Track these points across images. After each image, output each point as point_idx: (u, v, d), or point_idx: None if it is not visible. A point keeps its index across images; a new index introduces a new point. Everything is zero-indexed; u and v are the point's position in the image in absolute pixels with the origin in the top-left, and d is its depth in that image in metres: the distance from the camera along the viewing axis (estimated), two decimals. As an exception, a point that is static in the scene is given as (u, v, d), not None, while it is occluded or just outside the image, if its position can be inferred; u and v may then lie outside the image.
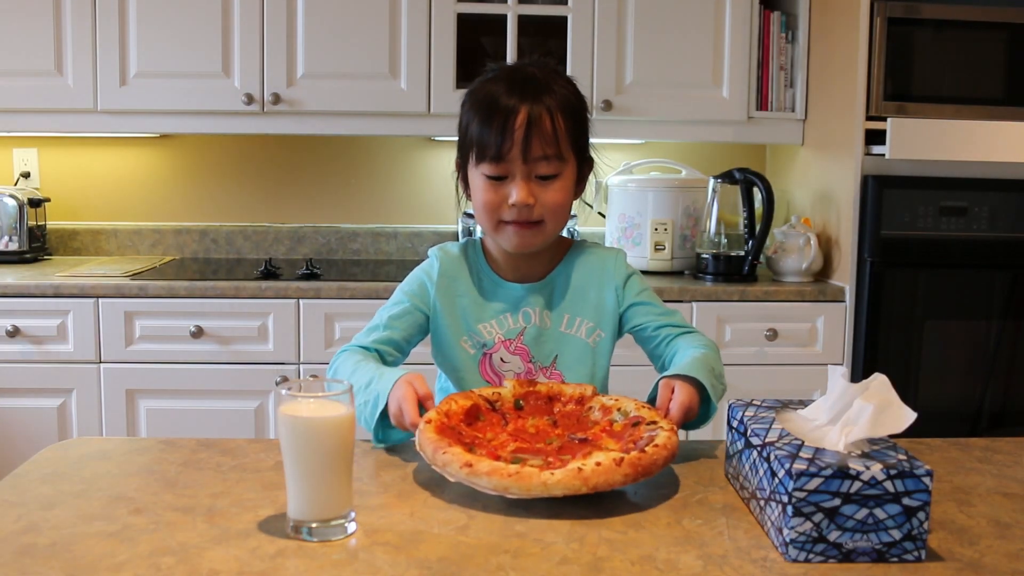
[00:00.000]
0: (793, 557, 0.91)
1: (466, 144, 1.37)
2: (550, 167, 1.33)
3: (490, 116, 1.31)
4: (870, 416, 0.95)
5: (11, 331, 2.41)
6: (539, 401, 1.24)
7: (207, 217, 3.09)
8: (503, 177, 1.33)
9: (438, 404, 1.18)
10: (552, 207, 1.35)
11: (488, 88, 1.35)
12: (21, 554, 0.90)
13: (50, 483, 1.10)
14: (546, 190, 1.34)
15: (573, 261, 1.46)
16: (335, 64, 2.67)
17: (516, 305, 1.43)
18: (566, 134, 1.33)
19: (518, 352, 1.42)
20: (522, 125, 1.30)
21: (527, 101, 1.31)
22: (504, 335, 1.42)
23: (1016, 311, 2.53)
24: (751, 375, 2.54)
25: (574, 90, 1.39)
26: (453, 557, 0.91)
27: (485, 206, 1.35)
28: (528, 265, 1.44)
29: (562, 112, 1.33)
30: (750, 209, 2.68)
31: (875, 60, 2.46)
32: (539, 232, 1.36)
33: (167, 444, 1.27)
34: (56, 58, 2.63)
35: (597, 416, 1.20)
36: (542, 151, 1.31)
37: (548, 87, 1.33)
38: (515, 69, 1.38)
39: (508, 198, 1.33)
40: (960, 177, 2.48)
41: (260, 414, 2.48)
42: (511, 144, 1.30)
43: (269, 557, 0.90)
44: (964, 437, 1.37)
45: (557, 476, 0.99)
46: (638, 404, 1.20)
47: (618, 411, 1.19)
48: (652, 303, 1.44)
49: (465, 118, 1.37)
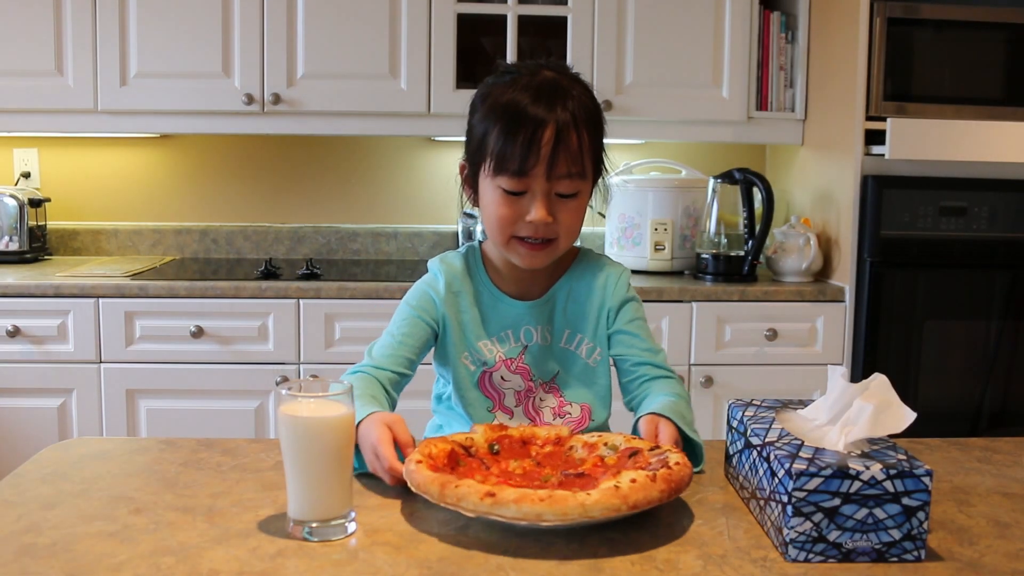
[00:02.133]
0: (793, 557, 0.91)
1: (481, 152, 1.30)
2: (572, 185, 1.28)
3: (515, 128, 1.25)
4: (870, 416, 0.96)
5: (11, 331, 2.42)
6: (513, 445, 1.16)
7: (207, 217, 3.10)
8: (521, 192, 1.28)
9: (417, 448, 1.09)
10: (568, 226, 1.30)
11: (510, 95, 1.27)
12: (22, 553, 0.91)
13: (50, 483, 1.11)
14: (564, 208, 1.29)
15: (576, 275, 1.42)
16: (335, 64, 2.68)
17: (518, 323, 1.39)
18: (589, 149, 1.29)
19: (519, 371, 1.40)
20: (549, 141, 1.24)
21: (554, 113, 1.25)
22: (505, 354, 1.39)
23: (1016, 311, 2.54)
24: (751, 375, 2.55)
25: (592, 97, 1.33)
26: (453, 557, 0.91)
27: (499, 220, 1.30)
28: (532, 277, 1.40)
29: (586, 125, 1.28)
30: (750, 209, 2.69)
31: (875, 60, 2.46)
32: (552, 251, 1.33)
33: (167, 444, 1.27)
34: (56, 58, 2.64)
35: (582, 454, 1.14)
36: (567, 169, 1.26)
37: (571, 95, 1.28)
38: (534, 74, 1.31)
39: (524, 214, 1.28)
40: (960, 177, 2.49)
41: (260, 414, 2.49)
42: (536, 160, 1.24)
43: (269, 557, 0.91)
44: (964, 437, 1.38)
45: (594, 496, 0.93)
46: (627, 437, 1.15)
47: (605, 446, 1.13)
48: (638, 335, 1.40)
49: (482, 125, 1.30)
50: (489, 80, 1.34)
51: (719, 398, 2.53)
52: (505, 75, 1.32)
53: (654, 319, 2.51)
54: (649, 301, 2.50)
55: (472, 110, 1.34)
